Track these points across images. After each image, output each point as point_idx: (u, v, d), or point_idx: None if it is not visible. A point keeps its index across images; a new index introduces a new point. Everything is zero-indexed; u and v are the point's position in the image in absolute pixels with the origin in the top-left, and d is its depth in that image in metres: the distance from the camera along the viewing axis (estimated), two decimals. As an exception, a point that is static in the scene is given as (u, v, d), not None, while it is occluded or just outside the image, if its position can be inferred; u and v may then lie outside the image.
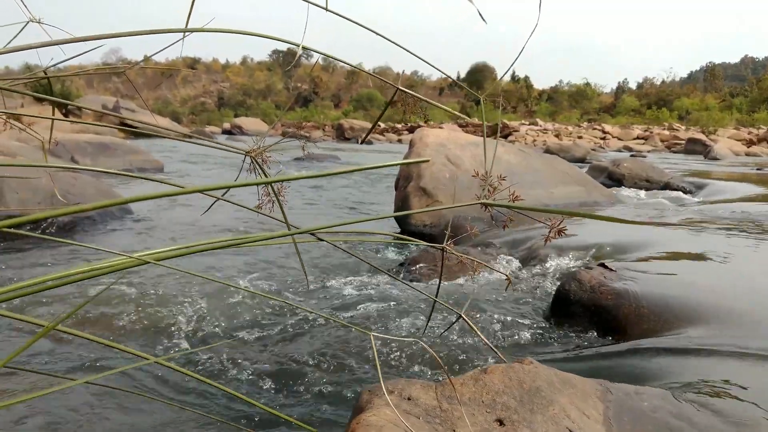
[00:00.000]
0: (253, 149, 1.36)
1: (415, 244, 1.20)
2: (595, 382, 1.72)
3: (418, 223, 5.73)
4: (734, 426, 1.52)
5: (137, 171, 10.24)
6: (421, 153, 6.24)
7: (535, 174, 6.73)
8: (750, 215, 6.27)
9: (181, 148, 18.28)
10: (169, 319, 3.07)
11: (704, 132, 38.91)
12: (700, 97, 69.49)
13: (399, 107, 1.23)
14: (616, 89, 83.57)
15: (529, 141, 36.83)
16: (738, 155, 27.43)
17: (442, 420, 1.40)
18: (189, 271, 1.43)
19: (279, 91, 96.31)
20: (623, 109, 67.87)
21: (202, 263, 4.33)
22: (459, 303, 3.30)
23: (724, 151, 25.66)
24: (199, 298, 3.36)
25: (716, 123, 46.57)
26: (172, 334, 2.91)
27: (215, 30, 0.89)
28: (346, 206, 8.30)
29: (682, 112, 60.92)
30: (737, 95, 68.81)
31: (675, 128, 45.89)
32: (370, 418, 1.22)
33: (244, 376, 2.43)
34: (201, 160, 15.18)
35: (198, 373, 2.39)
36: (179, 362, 2.52)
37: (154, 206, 6.90)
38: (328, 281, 3.90)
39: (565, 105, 75.59)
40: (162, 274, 3.80)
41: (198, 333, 2.93)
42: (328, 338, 2.80)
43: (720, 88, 77.91)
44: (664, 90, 76.79)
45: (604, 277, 2.92)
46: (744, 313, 2.56)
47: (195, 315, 3.13)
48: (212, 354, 2.62)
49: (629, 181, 10.44)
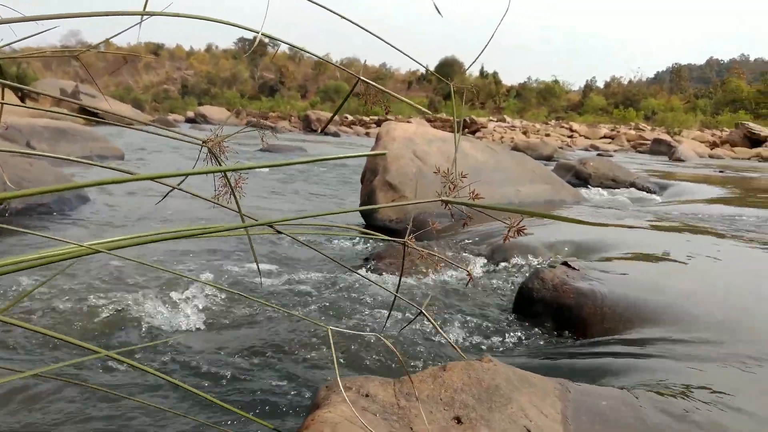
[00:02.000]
0: (209, 139, 1.30)
1: (375, 238, 1.19)
2: (555, 381, 1.72)
3: (384, 218, 5.71)
4: (688, 426, 1.54)
5: (97, 158, 9.96)
6: (388, 147, 6.21)
7: (503, 172, 6.77)
8: (712, 216, 6.43)
9: (143, 136, 17.88)
10: (121, 311, 2.96)
11: (669, 133, 39.85)
12: (666, 98, 71.19)
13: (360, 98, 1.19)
14: (584, 87, 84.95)
15: (497, 138, 37.14)
16: (702, 157, 28.17)
17: (400, 417, 1.38)
18: (142, 261, 1.37)
19: (245, 80, 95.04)
20: (591, 107, 69.05)
21: (158, 254, 4.21)
22: (423, 299, 3.28)
23: (688, 152, 26.30)
24: (152, 290, 3.26)
25: (681, 124, 47.79)
26: (123, 327, 2.81)
27: (174, 14, 0.84)
28: (312, 200, 8.23)
29: (648, 112, 62.29)
30: (702, 97, 70.70)
31: (641, 128, 46.91)
32: (325, 415, 1.18)
33: (198, 371, 2.36)
34: (163, 149, 14.87)
35: (151, 366, 2.32)
36: (131, 355, 2.44)
37: (113, 196, 6.72)
38: (291, 275, 3.84)
39: (533, 102, 76.52)
40: (114, 264, 3.68)
41: (151, 325, 2.84)
42: (287, 333, 2.75)
43: (685, 89, 79.96)
44: (631, 90, 78.39)
45: (567, 276, 2.94)
46: (703, 314, 2.60)
47: (148, 307, 3.03)
48: (165, 347, 2.55)
49: (595, 181, 10.60)
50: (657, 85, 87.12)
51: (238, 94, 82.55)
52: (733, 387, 1.85)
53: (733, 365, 2.06)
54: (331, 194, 8.93)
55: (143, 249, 4.20)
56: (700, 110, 61.37)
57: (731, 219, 6.23)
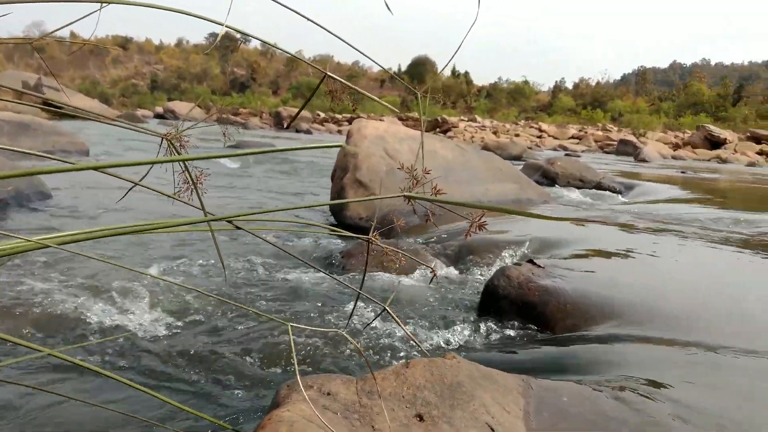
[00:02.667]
0: (170, 133, 1.27)
1: (339, 234, 1.17)
2: (517, 378, 1.73)
3: (354, 215, 5.69)
4: (646, 418, 1.56)
5: (60, 153, 9.69)
6: (359, 145, 6.19)
7: (472, 170, 6.82)
8: (673, 216, 6.60)
9: (112, 132, 17.48)
10: (69, 308, 2.84)
11: (635, 134, 40.73)
12: (631, 100, 72.80)
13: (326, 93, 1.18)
14: (553, 88, 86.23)
15: (468, 137, 37.45)
16: (665, 158, 28.90)
17: (361, 415, 1.37)
18: (93, 256, 1.33)
19: (216, 75, 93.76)
20: (559, 108, 70.17)
21: (118, 250, 4.11)
22: (390, 296, 3.28)
23: (652, 153, 26.94)
24: (106, 287, 3.15)
25: (646, 126, 48.89)
26: (71, 325, 2.70)
27: (135, 3, 0.82)
28: (281, 197, 8.15)
29: (615, 114, 63.59)
30: (665, 99, 72.52)
31: (608, 129, 47.85)
32: (282, 414, 1.16)
33: (152, 371, 2.29)
34: (132, 145, 14.56)
35: (102, 367, 2.25)
36: (79, 355, 2.35)
37: (75, 191, 6.55)
38: (256, 272, 3.79)
39: (503, 102, 77.37)
40: (66, 260, 3.57)
41: (104, 324, 2.73)
42: (248, 331, 2.70)
43: (650, 92, 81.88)
44: (598, 91, 79.87)
45: (532, 274, 2.97)
46: (663, 310, 2.66)
47: (101, 304, 2.92)
48: (116, 346, 2.47)
49: (563, 180, 10.77)
50: (623, 87, 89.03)
51: (209, 90, 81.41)
52: (690, 380, 1.89)
53: (690, 359, 2.11)
54: (300, 191, 8.87)
55: (102, 246, 4.09)
56: (664, 112, 63.00)
57: (691, 218, 6.40)
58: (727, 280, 3.48)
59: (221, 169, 11.00)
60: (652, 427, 1.53)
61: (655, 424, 1.55)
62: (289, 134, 35.02)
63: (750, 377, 1.98)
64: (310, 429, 1.12)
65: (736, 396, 1.82)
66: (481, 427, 1.42)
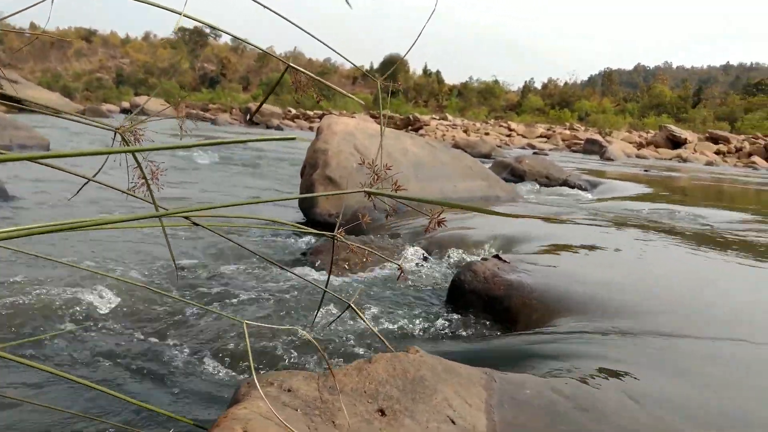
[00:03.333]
0: (123, 126, 1.23)
1: (302, 231, 1.16)
2: (481, 371, 1.74)
3: (324, 212, 5.65)
4: (605, 408, 1.59)
5: (17, 148, 9.38)
6: (329, 141, 6.16)
7: (442, 167, 6.85)
8: (637, 212, 6.75)
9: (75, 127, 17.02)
10: (17, 306, 2.73)
11: (601, 133, 41.54)
12: (598, 101, 74.27)
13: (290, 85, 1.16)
14: (523, 88, 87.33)
15: (440, 135, 37.69)
16: (630, 157, 29.57)
17: (322, 411, 1.35)
18: (37, 254, 1.28)
19: (185, 71, 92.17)
20: (528, 107, 71.16)
21: (71, 247, 3.97)
22: (355, 293, 3.27)
23: (617, 152, 27.54)
24: (53, 284, 3.05)
25: (611, 125, 49.94)
26: (17, 323, 2.59)
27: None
28: (250, 192, 8.06)
29: (582, 114, 64.78)
30: (630, 100, 74.31)
31: (575, 128, 48.69)
32: (238, 412, 1.14)
33: (108, 369, 2.22)
34: (95, 140, 14.19)
35: (53, 366, 2.17)
36: (25, 353, 2.25)
37: (34, 188, 6.36)
38: (219, 270, 3.70)
39: (474, 101, 78.06)
40: (8, 257, 3.44)
41: (52, 323, 2.64)
42: (208, 330, 2.63)
43: (616, 93, 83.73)
44: (566, 91, 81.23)
45: (498, 269, 2.99)
46: (624, 303, 2.71)
47: (50, 302, 2.80)
48: (69, 346, 2.38)
49: (530, 178, 10.91)
50: (590, 88, 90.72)
51: (178, 85, 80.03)
52: (648, 371, 1.93)
53: (649, 351, 2.15)
54: (270, 188, 8.78)
55: (54, 243, 3.98)
56: (629, 113, 64.56)
57: (653, 214, 6.56)
58: (685, 273, 3.57)
59: (191, 165, 10.83)
60: (612, 416, 1.55)
61: (613, 413, 1.57)
62: (260, 130, 34.66)
63: (702, 363, 2.04)
64: (267, 426, 1.10)
65: (690, 381, 1.87)
66: (442, 420, 1.42)
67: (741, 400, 1.78)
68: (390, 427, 1.34)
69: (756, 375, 2.00)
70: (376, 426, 1.34)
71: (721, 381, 1.91)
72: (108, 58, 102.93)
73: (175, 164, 10.29)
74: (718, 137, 37.14)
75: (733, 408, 1.72)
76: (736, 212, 7.37)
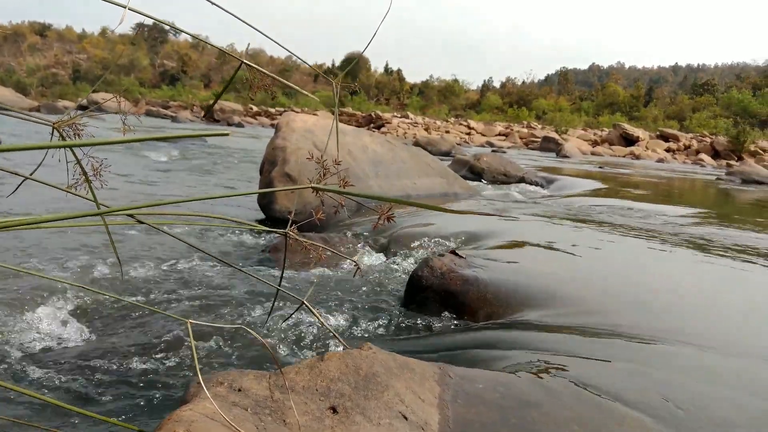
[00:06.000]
0: (61, 120, 1.18)
1: (251, 228, 1.14)
2: (434, 366, 1.74)
3: (283, 209, 5.59)
4: (557, 401, 1.62)
5: (-40, 145, 8.96)
6: (288, 138, 6.10)
7: (401, 165, 6.87)
8: (591, 208, 6.91)
9: (26, 124, 16.36)
10: None
11: (557, 131, 42.42)
12: (554, 99, 75.87)
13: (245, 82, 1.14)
14: (482, 87, 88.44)
15: (401, 133, 37.87)
16: (585, 154, 30.32)
17: (273, 410, 1.33)
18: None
19: (144, 67, 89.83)
20: (487, 106, 72.10)
21: (7, 250, 3.79)
22: (314, 291, 3.24)
23: (573, 150, 28.18)
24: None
25: (568, 124, 51.01)
26: None
27: None
28: (206, 190, 7.91)
29: (539, 112, 66.02)
30: (585, 99, 76.17)
31: (533, 127, 49.58)
32: (182, 414, 1.11)
33: (48, 376, 2.13)
34: (47, 137, 13.67)
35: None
36: None
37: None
38: (167, 269, 3.60)
39: (434, 100, 78.63)
40: None
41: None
42: (155, 331, 2.55)
43: (571, 92, 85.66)
44: (524, 90, 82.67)
45: (454, 264, 3.02)
46: (580, 297, 2.77)
47: None
48: (2, 353, 2.29)
49: (488, 175, 11.06)
50: (547, 87, 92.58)
51: (137, 82, 77.94)
52: (599, 364, 1.98)
53: (600, 344, 2.20)
54: (230, 186, 8.64)
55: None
56: (584, 111, 66.18)
57: (606, 210, 6.73)
58: (636, 268, 3.68)
59: (148, 163, 10.57)
60: (564, 410, 1.58)
61: (563, 406, 1.60)
62: (221, 127, 34.02)
63: (647, 355, 2.10)
64: (211, 427, 1.08)
65: (634, 371, 1.92)
66: (394, 416, 1.42)
67: (679, 385, 1.84)
68: (341, 424, 1.33)
69: (685, 358, 2.08)
70: (327, 424, 1.33)
71: (665, 369, 1.97)
72: (64, 53, 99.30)
73: (130, 162, 10.03)
74: (669, 135, 38.46)
75: (681, 396, 1.78)
76: (682, 207, 7.65)
